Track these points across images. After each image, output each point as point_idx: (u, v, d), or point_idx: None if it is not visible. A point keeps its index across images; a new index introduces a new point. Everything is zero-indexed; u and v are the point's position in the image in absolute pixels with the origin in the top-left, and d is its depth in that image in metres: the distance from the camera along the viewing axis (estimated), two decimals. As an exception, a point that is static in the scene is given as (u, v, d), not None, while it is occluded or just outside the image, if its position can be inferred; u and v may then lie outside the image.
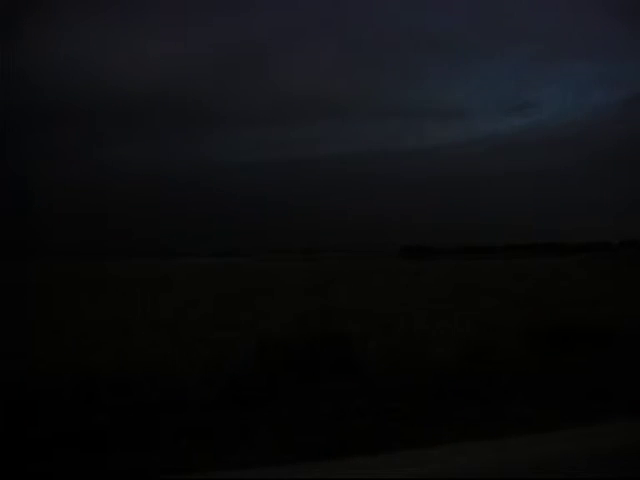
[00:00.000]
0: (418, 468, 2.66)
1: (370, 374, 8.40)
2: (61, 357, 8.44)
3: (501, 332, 10.86)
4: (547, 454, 2.73)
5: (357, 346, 9.41)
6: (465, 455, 2.81)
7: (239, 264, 61.60)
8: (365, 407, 7.17)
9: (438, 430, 6.32)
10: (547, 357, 9.21)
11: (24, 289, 22.42)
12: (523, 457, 2.71)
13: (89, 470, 5.62)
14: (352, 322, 11.85)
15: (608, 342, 9.63)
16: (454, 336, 10.65)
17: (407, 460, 2.89)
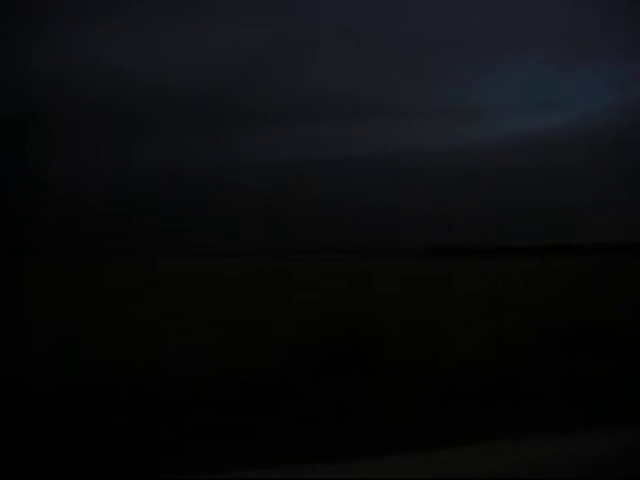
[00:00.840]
0: (423, 469, 2.60)
1: (395, 376, 8.35)
2: (73, 358, 8.46)
3: (529, 334, 10.70)
4: (548, 454, 2.68)
5: (381, 347, 9.36)
6: (467, 456, 2.75)
7: (261, 264, 61.65)
8: (381, 408, 7.12)
9: (456, 432, 6.20)
10: (573, 359, 9.10)
11: (25, 289, 22.53)
12: (524, 458, 2.65)
13: (98, 470, 5.64)
14: (377, 323, 11.75)
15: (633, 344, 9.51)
16: (479, 337, 10.51)
17: (411, 461, 2.84)
